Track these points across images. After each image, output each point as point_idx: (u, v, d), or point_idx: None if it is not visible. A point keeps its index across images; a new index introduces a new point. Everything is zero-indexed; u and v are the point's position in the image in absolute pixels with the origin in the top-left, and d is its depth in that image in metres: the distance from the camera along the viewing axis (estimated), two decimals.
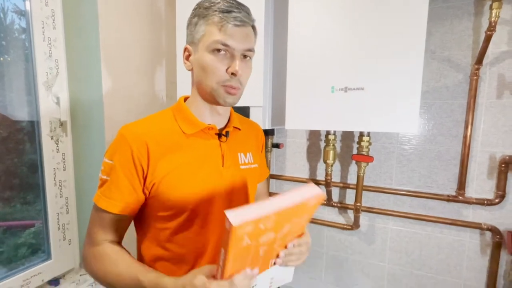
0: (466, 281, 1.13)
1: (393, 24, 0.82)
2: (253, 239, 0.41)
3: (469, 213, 1.10)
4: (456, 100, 1.08)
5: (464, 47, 1.05)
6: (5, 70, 0.92)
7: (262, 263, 0.48)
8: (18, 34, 0.96)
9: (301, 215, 0.48)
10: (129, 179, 0.56)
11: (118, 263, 0.55)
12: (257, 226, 0.40)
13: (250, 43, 0.58)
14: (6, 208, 0.94)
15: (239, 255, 0.42)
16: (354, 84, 0.87)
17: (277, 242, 0.47)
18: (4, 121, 0.93)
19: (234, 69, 0.55)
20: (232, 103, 0.60)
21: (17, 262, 0.96)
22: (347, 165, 1.28)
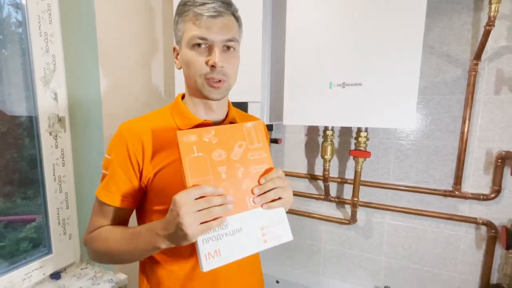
0: (461, 275, 1.14)
1: (391, 19, 0.82)
2: (203, 151, 0.49)
3: (465, 208, 1.11)
4: (454, 96, 1.08)
5: (463, 42, 1.05)
6: (3, 65, 0.91)
7: (236, 195, 0.49)
8: (14, 28, 0.95)
9: (244, 137, 0.53)
10: (126, 173, 0.59)
11: (114, 230, 0.60)
12: (200, 137, 0.50)
13: (229, 33, 0.56)
14: (7, 203, 0.95)
15: (195, 167, 0.48)
16: (352, 80, 0.87)
17: (237, 167, 0.51)
18: (2, 116, 0.93)
19: (213, 61, 0.55)
20: (218, 97, 0.60)
21: (19, 256, 0.98)
22: (345, 160, 1.28)
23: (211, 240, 0.46)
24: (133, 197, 0.61)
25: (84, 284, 1.01)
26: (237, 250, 0.47)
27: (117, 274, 1.09)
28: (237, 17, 0.60)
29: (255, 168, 0.52)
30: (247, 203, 0.50)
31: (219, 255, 0.46)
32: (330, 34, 0.90)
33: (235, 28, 0.59)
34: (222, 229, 0.47)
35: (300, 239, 1.42)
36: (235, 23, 0.59)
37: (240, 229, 0.48)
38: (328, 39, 0.90)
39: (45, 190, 1.01)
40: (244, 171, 0.51)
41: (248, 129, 0.54)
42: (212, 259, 0.45)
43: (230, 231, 0.47)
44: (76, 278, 1.05)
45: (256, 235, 0.49)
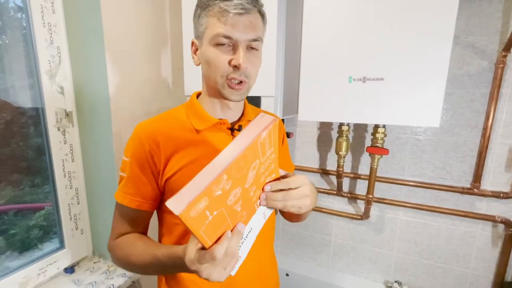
0: (473, 271, 1.13)
1: (419, 8, 0.76)
2: (217, 207, 0.38)
3: (482, 206, 1.08)
4: (478, 89, 1.02)
5: (492, 32, 0.98)
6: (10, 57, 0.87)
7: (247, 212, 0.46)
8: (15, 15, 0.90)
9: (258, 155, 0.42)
10: (144, 175, 0.58)
11: (136, 245, 0.58)
12: (211, 196, 0.36)
13: (255, 32, 0.53)
14: (16, 191, 0.95)
15: (211, 228, 0.39)
16: (373, 74, 0.82)
17: (250, 190, 0.44)
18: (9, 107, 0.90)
19: (237, 62, 0.52)
20: (238, 99, 0.57)
21: (30, 244, 0.99)
22: (358, 156, 1.25)
23: None
24: (152, 199, 0.61)
25: (97, 278, 1.02)
26: (249, 244, 0.49)
27: None
28: (262, 14, 0.56)
29: (264, 179, 0.48)
30: (255, 207, 0.49)
31: (240, 259, 0.46)
32: (350, 25, 0.84)
33: (260, 26, 0.55)
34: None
35: (310, 233, 1.42)
36: (260, 20, 0.55)
37: (251, 229, 0.49)
38: (349, 30, 0.84)
39: (55, 186, 1.00)
40: (256, 189, 0.47)
41: (262, 142, 0.43)
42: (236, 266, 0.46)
43: (244, 236, 0.47)
44: (90, 272, 1.06)
45: (261, 221, 0.51)
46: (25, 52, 0.91)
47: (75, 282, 1.00)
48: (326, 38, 0.87)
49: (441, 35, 0.74)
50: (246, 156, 0.40)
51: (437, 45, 0.74)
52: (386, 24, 0.79)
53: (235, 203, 0.42)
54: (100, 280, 1.01)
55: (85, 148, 1.06)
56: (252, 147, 0.40)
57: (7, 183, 0.93)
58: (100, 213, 1.10)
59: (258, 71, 0.58)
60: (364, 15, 0.82)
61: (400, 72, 0.79)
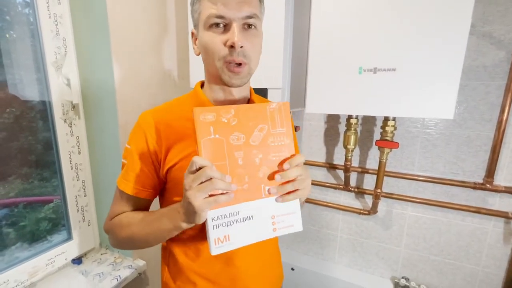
0: (484, 268, 1.11)
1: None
2: (220, 133, 0.45)
3: (495, 201, 1.05)
4: (493, 81, 0.99)
5: (509, 20, 0.93)
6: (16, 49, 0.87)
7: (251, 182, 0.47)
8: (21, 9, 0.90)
9: (266, 120, 0.48)
10: (144, 163, 0.58)
11: (137, 215, 0.59)
12: (218, 117, 0.45)
13: (250, 9, 0.50)
14: (25, 184, 0.97)
15: (210, 149, 0.45)
16: (384, 65, 0.79)
17: (255, 153, 0.47)
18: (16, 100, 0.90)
19: (232, 41, 0.49)
20: (239, 83, 0.54)
21: (40, 235, 1.00)
22: (366, 150, 1.22)
23: (221, 226, 0.46)
24: (151, 187, 0.61)
25: (105, 269, 1.03)
26: (246, 236, 0.48)
27: (136, 260, 1.10)
28: None
29: (274, 155, 0.48)
30: (262, 191, 0.48)
31: (227, 240, 0.46)
32: (361, 13, 0.81)
33: (255, 3, 0.52)
34: (233, 216, 0.46)
35: (316, 227, 1.40)
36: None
37: (252, 216, 0.48)
38: (359, 19, 0.81)
39: (62, 178, 1.01)
40: (263, 157, 0.47)
41: (272, 111, 0.48)
42: (221, 243, 0.46)
43: (241, 218, 0.47)
44: (97, 264, 1.07)
45: (266, 223, 0.49)
46: (32, 44, 0.90)
47: (82, 273, 1.01)
48: (336, 28, 0.84)
49: (457, 24, 0.70)
50: (254, 109, 0.47)
51: (453, 34, 0.71)
52: (399, 12, 0.76)
53: (237, 149, 0.46)
54: (107, 271, 1.02)
55: (91, 140, 1.06)
56: (261, 107, 0.48)
57: (17, 176, 0.94)
58: (106, 205, 1.10)
59: (259, 51, 0.56)
60: (376, 2, 0.78)
61: (413, 63, 0.76)
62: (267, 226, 0.49)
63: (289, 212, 0.50)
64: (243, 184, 0.46)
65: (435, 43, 0.73)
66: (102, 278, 0.99)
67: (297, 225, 0.51)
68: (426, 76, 0.75)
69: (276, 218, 0.49)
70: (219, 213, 0.46)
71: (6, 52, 0.86)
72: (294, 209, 0.50)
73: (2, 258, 0.89)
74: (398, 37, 0.77)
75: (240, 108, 0.47)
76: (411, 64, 0.77)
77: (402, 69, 0.77)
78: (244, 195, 0.47)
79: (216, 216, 0.45)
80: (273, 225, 0.49)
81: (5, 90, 0.87)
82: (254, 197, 0.47)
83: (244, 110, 0.47)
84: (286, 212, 0.50)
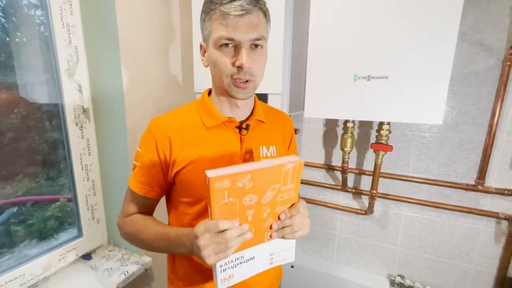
0: (477, 266, 1.15)
1: (423, 7, 0.77)
2: (234, 196, 0.47)
3: (487, 202, 1.09)
4: (484, 87, 1.03)
5: (499, 29, 0.98)
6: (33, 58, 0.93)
7: (256, 233, 0.52)
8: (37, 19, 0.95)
9: (280, 180, 0.50)
10: (154, 166, 0.63)
11: (147, 222, 0.65)
12: (234, 182, 0.46)
13: (257, 32, 0.54)
14: (32, 183, 1.01)
15: (223, 211, 0.47)
16: (378, 73, 0.84)
17: (264, 209, 0.51)
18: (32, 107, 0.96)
19: (240, 62, 0.54)
20: (244, 97, 0.59)
21: (47, 234, 1.05)
22: (363, 152, 1.27)
23: (228, 268, 0.52)
24: (159, 188, 0.66)
25: (113, 265, 1.09)
26: (247, 272, 0.55)
27: (142, 256, 1.16)
28: (265, 12, 0.57)
29: (280, 208, 0.54)
30: (264, 237, 0.54)
31: (232, 278, 0.53)
32: (355, 24, 0.86)
33: (263, 25, 0.57)
34: (238, 260, 0.53)
35: (315, 226, 1.45)
36: (263, 19, 0.56)
37: (253, 257, 0.54)
38: (354, 30, 0.86)
39: (74, 178, 1.07)
40: (270, 212, 0.52)
41: (286, 171, 0.50)
42: (226, 281, 0.52)
43: (245, 260, 0.53)
44: (106, 259, 1.13)
45: (265, 260, 0.56)
46: (47, 53, 0.96)
47: (92, 268, 1.07)
48: (332, 38, 0.89)
49: (445, 35, 0.75)
50: (270, 172, 0.49)
51: (441, 44, 0.76)
52: (390, 23, 0.81)
53: (248, 208, 0.49)
54: (115, 267, 1.08)
55: (100, 142, 1.12)
56: (277, 168, 0.49)
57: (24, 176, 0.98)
58: (114, 204, 1.16)
59: (264, 68, 0.60)
60: (369, 15, 0.83)
61: (404, 71, 0.81)
62: (265, 261, 0.56)
63: (285, 249, 0.58)
64: (251, 230, 0.51)
65: (425, 53, 0.78)
66: (111, 273, 1.04)
67: (290, 257, 0.59)
68: (417, 84, 0.80)
69: (274, 254, 0.57)
70: (226, 260, 0.51)
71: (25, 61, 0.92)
72: (289, 246, 0.58)
73: (11, 255, 0.94)
74: (390, 47, 0.82)
75: (257, 173, 0.47)
76: (403, 73, 0.81)
77: (394, 77, 0.82)
78: (249, 243, 0.52)
79: (224, 262, 0.51)
80: (270, 260, 0.57)
81: (21, 94, 0.93)
82: (257, 242, 0.53)
83: (260, 174, 0.47)
84: (282, 249, 0.57)
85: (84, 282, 1.00)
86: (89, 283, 1.00)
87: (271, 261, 0.57)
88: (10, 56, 0.89)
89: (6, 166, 0.93)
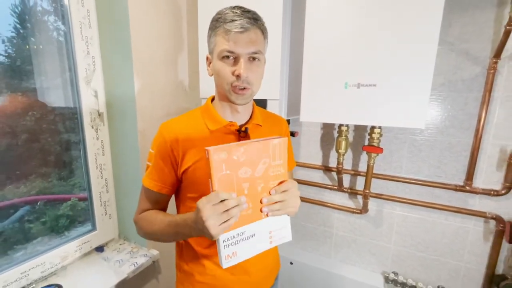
0: (467, 264, 1.20)
1: (405, 23, 0.84)
2: (231, 169, 0.54)
3: (475, 202, 1.15)
4: (471, 93, 1.09)
5: (484, 39, 1.04)
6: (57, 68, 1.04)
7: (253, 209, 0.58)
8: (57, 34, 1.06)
9: (269, 154, 0.57)
10: (166, 165, 0.71)
11: (158, 215, 0.72)
12: (230, 155, 0.53)
13: (255, 46, 0.63)
14: (45, 183, 1.09)
15: (223, 183, 0.54)
16: (366, 81, 0.92)
17: (258, 183, 0.57)
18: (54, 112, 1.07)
19: (238, 72, 0.63)
20: (242, 102, 0.68)
21: (59, 231, 1.13)
22: (358, 154, 1.34)
23: (230, 245, 0.57)
24: (171, 185, 0.74)
25: (123, 257, 1.18)
26: (249, 251, 0.59)
27: (150, 250, 1.25)
28: (262, 30, 0.66)
29: (273, 183, 0.60)
30: (262, 214, 0.60)
31: (235, 255, 0.58)
32: (346, 36, 0.94)
33: (260, 41, 0.66)
34: (239, 236, 0.58)
35: (313, 225, 1.52)
36: (260, 36, 0.66)
37: (254, 234, 0.60)
38: (345, 41, 0.94)
39: (89, 176, 1.16)
40: (264, 186, 0.59)
41: (273, 146, 0.58)
42: (230, 259, 0.57)
43: (246, 237, 0.59)
44: (117, 252, 1.22)
45: (265, 238, 0.61)
46: (67, 61, 1.07)
47: (104, 259, 1.16)
48: (325, 49, 0.97)
49: (425, 47, 0.82)
50: (260, 146, 0.57)
51: (422, 56, 0.83)
52: (376, 36, 0.89)
53: (244, 181, 0.56)
54: (126, 259, 1.17)
55: (113, 143, 1.22)
56: (265, 143, 0.57)
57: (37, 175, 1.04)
58: (125, 200, 1.26)
59: (261, 78, 0.69)
60: (357, 28, 0.91)
61: (390, 80, 0.88)
62: (266, 239, 0.61)
63: (282, 227, 0.63)
64: (248, 210, 0.57)
65: (408, 63, 0.85)
66: (122, 264, 1.13)
67: (288, 236, 0.65)
68: (401, 91, 0.87)
69: (272, 232, 0.62)
70: (229, 235, 0.56)
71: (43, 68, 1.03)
72: (285, 224, 0.64)
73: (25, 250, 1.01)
74: (377, 58, 0.89)
75: (248, 146, 0.55)
76: (389, 81, 0.89)
77: (381, 85, 0.90)
78: (248, 218, 0.58)
79: (226, 238, 0.56)
80: (270, 238, 0.62)
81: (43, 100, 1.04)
82: (255, 219, 0.59)
83: (252, 148, 0.56)
84: (280, 227, 0.63)
85: (98, 272, 1.09)
86: (102, 272, 1.09)
87: (271, 240, 0.62)
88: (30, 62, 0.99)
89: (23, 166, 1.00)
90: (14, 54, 0.97)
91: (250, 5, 0.67)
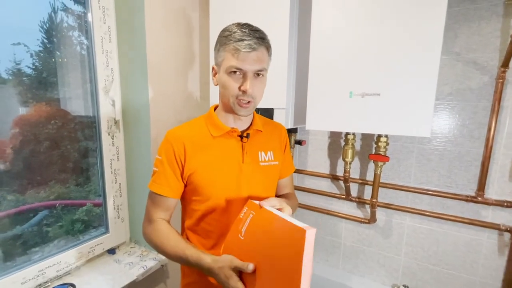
0: (481, 279, 1.16)
1: (409, 32, 0.87)
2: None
3: (488, 214, 1.12)
4: (480, 103, 1.08)
5: (491, 49, 1.04)
6: (78, 79, 1.12)
7: None
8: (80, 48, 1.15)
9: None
10: (172, 169, 0.75)
11: (170, 238, 0.73)
12: None
13: (261, 65, 0.68)
14: (63, 188, 1.13)
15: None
16: (371, 90, 0.94)
17: None
18: (75, 121, 1.15)
19: (245, 88, 0.68)
20: (245, 114, 0.73)
21: (74, 235, 1.17)
22: (366, 163, 1.34)
23: None
24: (177, 189, 0.77)
25: (134, 260, 1.22)
26: None
27: (159, 254, 1.28)
28: (268, 48, 0.71)
29: None
30: None
31: None
32: (351, 46, 0.97)
33: (266, 59, 0.71)
34: None
35: (321, 235, 1.51)
36: (266, 54, 0.71)
37: None
38: (349, 51, 0.97)
39: (104, 180, 1.22)
40: None
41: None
42: None
43: None
44: (127, 255, 1.26)
45: None
46: (89, 74, 1.15)
47: (116, 261, 1.20)
48: (330, 59, 1.00)
49: (429, 56, 0.84)
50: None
51: (426, 65, 0.84)
52: (380, 46, 0.91)
53: None
54: (136, 262, 1.21)
55: (128, 149, 1.28)
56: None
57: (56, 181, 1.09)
58: (137, 205, 1.31)
59: (263, 92, 0.74)
60: (361, 39, 0.94)
61: (394, 89, 0.90)
62: None
63: None
64: None
65: (412, 73, 0.87)
66: (132, 266, 1.17)
67: None
68: (406, 100, 0.88)
69: None
70: None
71: (67, 79, 1.11)
72: None
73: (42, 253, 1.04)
74: (381, 68, 0.91)
75: None
76: (393, 90, 0.90)
77: (386, 94, 0.91)
78: None
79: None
80: None
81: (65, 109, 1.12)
82: None
83: None
84: None
85: (109, 273, 1.13)
86: (113, 274, 1.13)
87: None
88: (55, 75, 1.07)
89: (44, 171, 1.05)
90: (41, 67, 1.05)
91: (257, 18, 0.72)
